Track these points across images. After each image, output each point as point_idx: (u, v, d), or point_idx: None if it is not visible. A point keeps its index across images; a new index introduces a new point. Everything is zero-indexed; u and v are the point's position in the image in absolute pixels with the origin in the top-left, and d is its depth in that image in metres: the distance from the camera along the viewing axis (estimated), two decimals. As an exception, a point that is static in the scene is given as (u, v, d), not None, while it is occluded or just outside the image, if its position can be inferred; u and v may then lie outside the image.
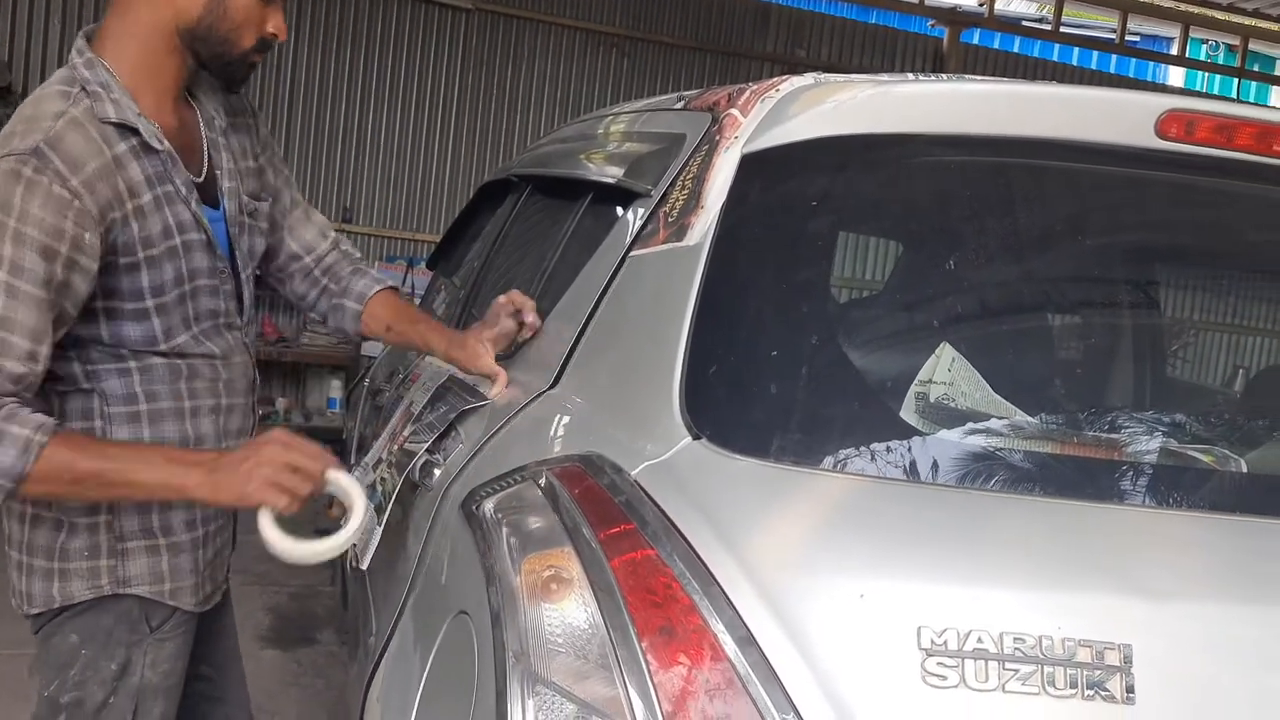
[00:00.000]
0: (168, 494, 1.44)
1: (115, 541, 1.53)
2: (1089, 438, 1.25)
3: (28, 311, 1.33)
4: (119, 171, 1.41)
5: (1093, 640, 1.01)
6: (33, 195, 1.32)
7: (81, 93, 1.41)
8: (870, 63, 7.41)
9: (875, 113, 1.32)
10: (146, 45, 1.46)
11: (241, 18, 1.49)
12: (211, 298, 1.58)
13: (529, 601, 1.10)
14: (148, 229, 1.45)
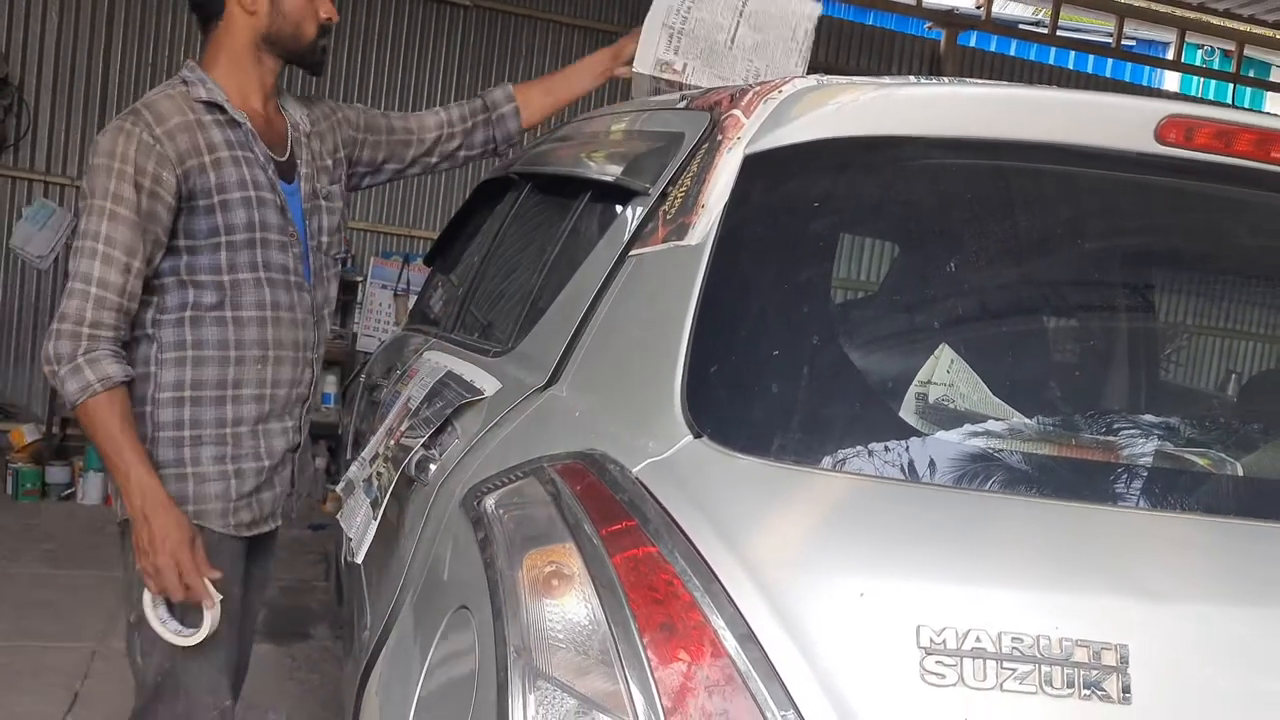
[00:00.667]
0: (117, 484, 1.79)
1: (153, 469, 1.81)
2: (1086, 440, 1.26)
3: (124, 230, 1.73)
4: (200, 131, 1.81)
5: (1090, 640, 1.02)
6: (130, 142, 1.75)
7: (180, 83, 1.85)
8: (867, 64, 7.42)
9: (877, 115, 1.33)
10: (235, 58, 1.88)
11: (299, 14, 1.89)
12: (280, 253, 1.91)
13: (530, 597, 1.11)
14: (223, 178, 1.82)
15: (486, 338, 2.09)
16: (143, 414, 1.84)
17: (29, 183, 5.88)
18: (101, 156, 1.75)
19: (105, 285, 1.72)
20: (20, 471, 5.09)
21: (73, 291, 1.72)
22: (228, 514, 1.90)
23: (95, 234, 1.73)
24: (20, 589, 3.97)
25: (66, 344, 1.70)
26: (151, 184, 1.75)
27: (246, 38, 1.87)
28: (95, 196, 1.74)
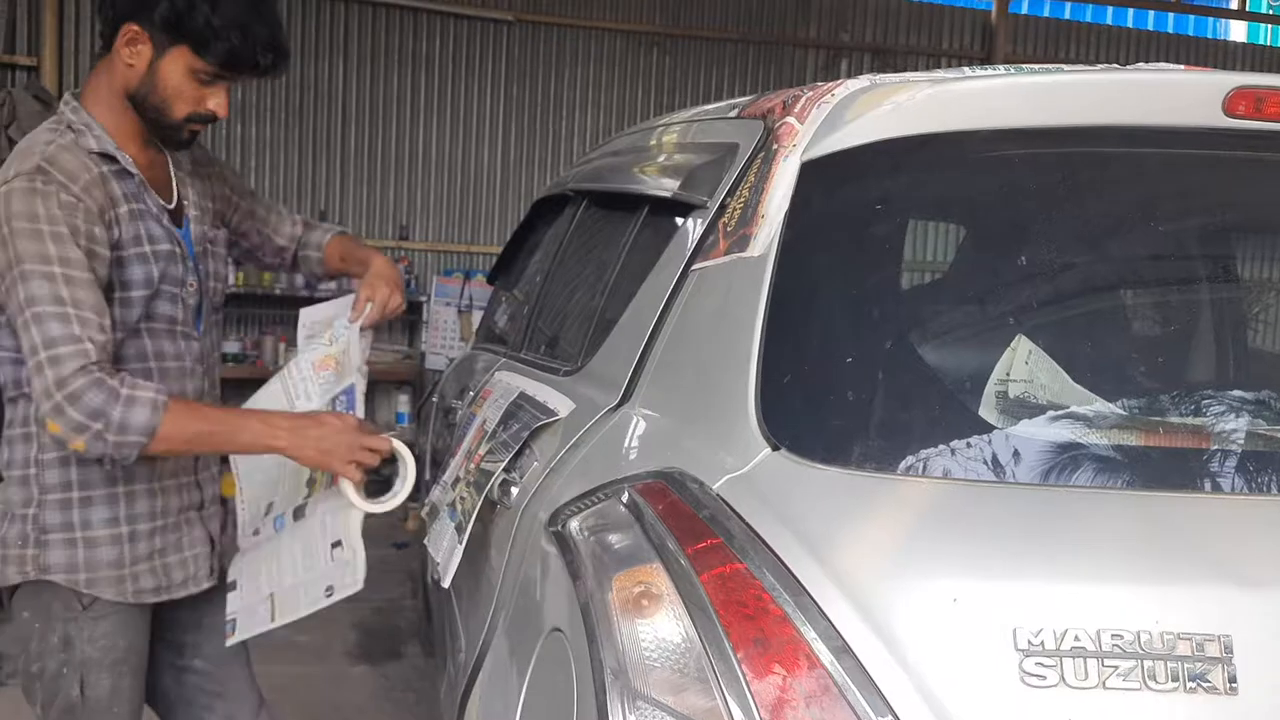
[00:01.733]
0: (266, 451, 1.75)
1: (39, 533, 1.73)
2: (1175, 425, 1.24)
3: (87, 292, 1.59)
4: (102, 185, 1.67)
5: (1192, 632, 1.01)
6: (49, 202, 1.58)
7: (67, 130, 1.69)
8: (917, 42, 7.32)
9: (935, 112, 1.32)
10: (110, 103, 1.73)
11: (174, 91, 1.69)
12: (169, 303, 1.79)
13: (622, 618, 1.12)
14: (124, 234, 1.70)
15: (555, 356, 2.12)
16: (25, 477, 1.73)
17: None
18: (24, 220, 1.56)
19: (93, 341, 1.56)
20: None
21: (60, 356, 1.53)
22: (124, 581, 1.77)
23: (55, 298, 1.55)
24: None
25: (97, 393, 1.54)
26: (88, 242, 1.61)
27: (118, 85, 1.70)
28: (34, 262, 1.55)
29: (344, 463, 1.72)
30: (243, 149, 6.21)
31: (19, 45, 5.85)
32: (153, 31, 1.65)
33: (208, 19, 1.62)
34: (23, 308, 1.56)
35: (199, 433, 1.65)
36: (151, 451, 1.61)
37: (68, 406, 1.54)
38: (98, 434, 1.55)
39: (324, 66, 6.32)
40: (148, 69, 1.67)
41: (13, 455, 1.75)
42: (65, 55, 5.90)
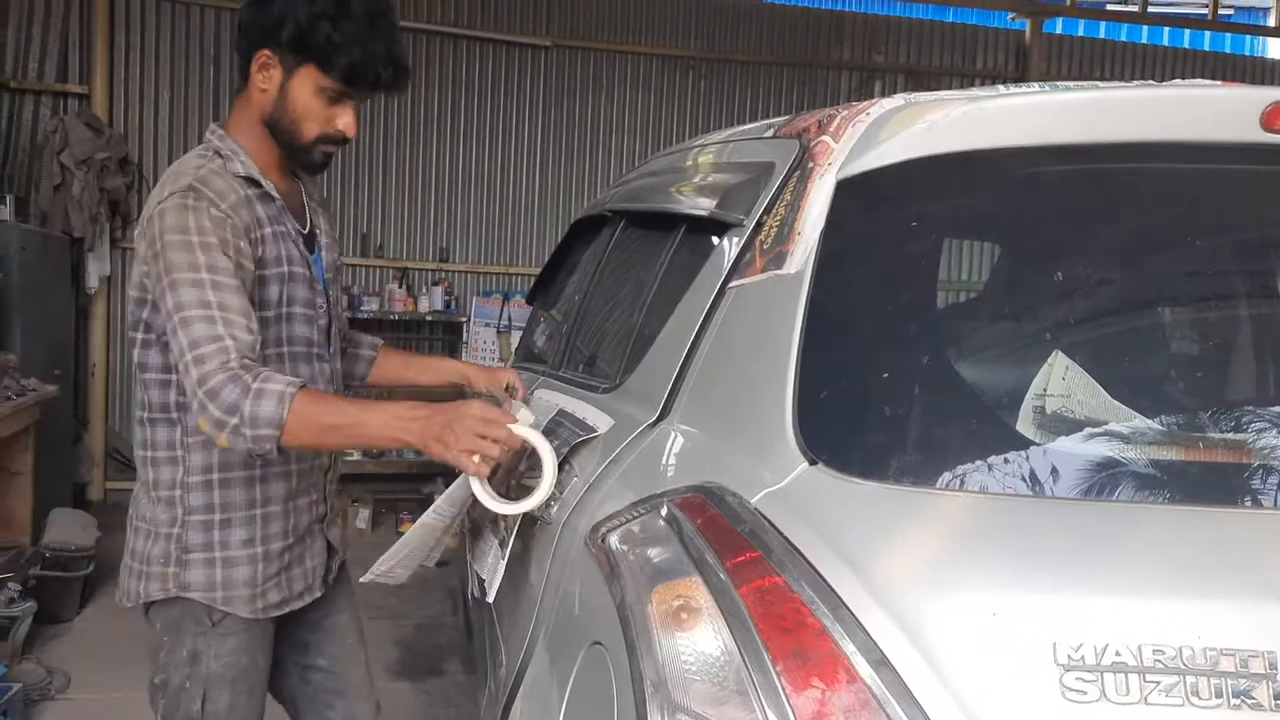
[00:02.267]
0: (391, 444, 1.69)
1: (181, 552, 1.79)
2: (1216, 440, 1.23)
3: (233, 297, 1.63)
4: (248, 206, 1.74)
5: (1236, 648, 1.00)
6: (200, 216, 1.65)
7: (215, 155, 1.77)
8: (951, 62, 7.32)
9: (969, 130, 1.33)
10: (250, 131, 1.81)
11: (303, 111, 1.76)
12: (305, 326, 1.86)
13: (662, 631, 1.14)
14: (267, 254, 1.77)
15: (594, 374, 2.14)
16: (171, 498, 1.79)
17: (152, 254, 6.22)
18: (175, 233, 1.63)
19: (236, 339, 1.59)
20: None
21: (200, 356, 1.57)
22: (255, 599, 1.84)
23: (201, 302, 1.60)
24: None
25: (233, 389, 1.57)
26: (236, 255, 1.67)
27: (255, 113, 1.78)
28: (183, 270, 1.61)
29: (459, 453, 1.59)
30: (286, 174, 6.33)
31: (71, 74, 6.02)
32: (281, 54, 1.73)
33: (329, 35, 1.69)
34: (171, 314, 1.61)
35: (330, 425, 1.62)
36: (286, 444, 1.60)
37: (208, 403, 1.57)
38: (235, 429, 1.57)
39: (365, 92, 6.42)
40: (279, 91, 1.75)
41: (159, 476, 1.80)
42: (115, 84, 6.06)
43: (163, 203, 1.67)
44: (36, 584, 4.10)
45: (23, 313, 4.80)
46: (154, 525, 1.80)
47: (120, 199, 5.97)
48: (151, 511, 1.81)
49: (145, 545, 1.81)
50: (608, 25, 6.83)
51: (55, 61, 5.98)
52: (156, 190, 1.72)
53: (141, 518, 1.83)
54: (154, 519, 1.80)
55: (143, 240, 1.69)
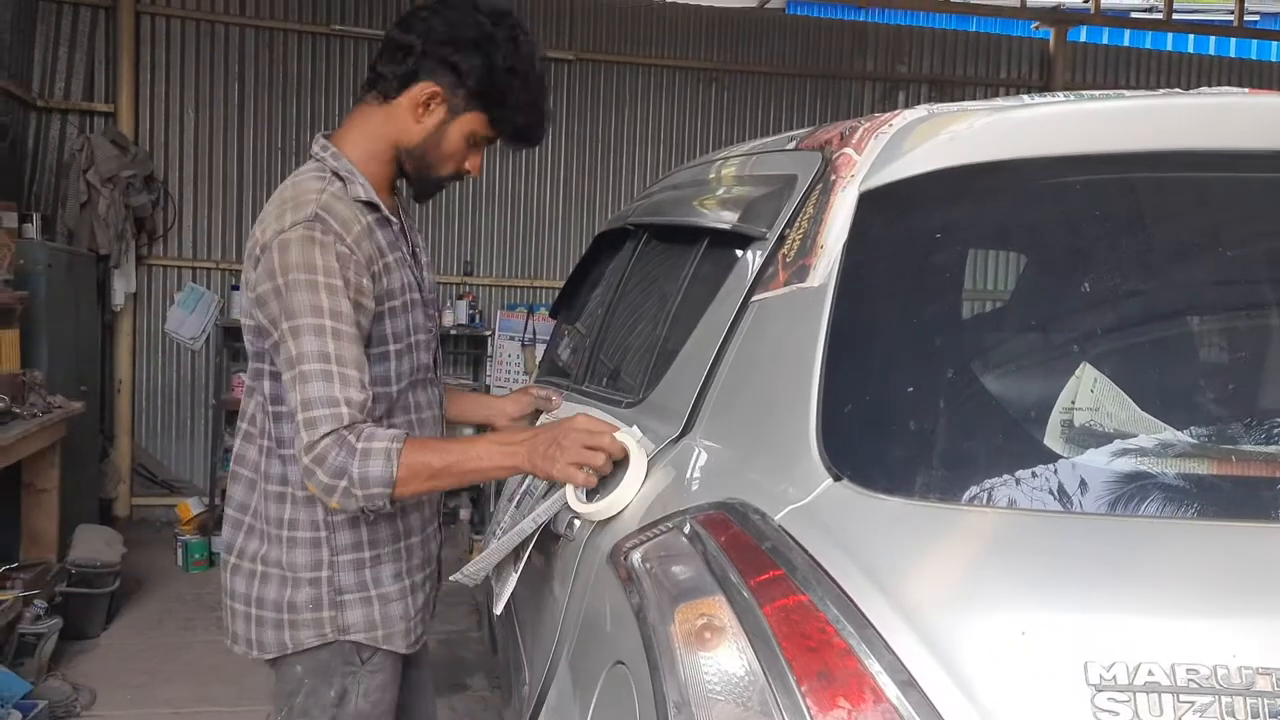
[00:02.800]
0: (503, 473, 1.69)
1: (335, 595, 1.74)
2: (1247, 452, 1.21)
3: (352, 347, 1.60)
4: (370, 236, 1.69)
5: (1272, 667, 0.98)
6: (328, 253, 1.60)
7: (334, 177, 1.70)
8: (975, 72, 7.28)
9: (992, 140, 1.32)
10: (375, 149, 1.75)
11: (450, 151, 1.77)
12: (425, 353, 1.84)
13: (685, 651, 1.12)
14: (393, 283, 1.73)
15: (617, 388, 2.13)
16: (315, 540, 1.72)
17: (178, 270, 6.28)
18: (300, 271, 1.58)
19: (349, 403, 1.56)
20: (188, 543, 5.38)
21: (315, 418, 1.54)
22: (410, 633, 1.82)
23: (322, 355, 1.56)
24: (198, 656, 4.19)
25: (339, 453, 1.54)
26: (356, 295, 1.62)
27: (393, 138, 1.74)
28: (305, 315, 1.57)
29: (566, 466, 1.59)
30: (310, 190, 6.38)
31: (97, 93, 6.10)
32: (454, 95, 1.71)
33: (517, 95, 1.72)
34: (292, 363, 1.58)
35: (440, 468, 1.60)
36: (399, 497, 1.59)
37: (316, 469, 1.55)
38: (345, 491, 1.56)
39: (388, 108, 6.47)
40: (436, 128, 1.73)
41: (295, 516, 1.72)
42: (141, 102, 6.14)
43: (285, 233, 1.60)
44: (63, 600, 4.14)
45: (49, 330, 4.86)
46: (290, 570, 1.72)
47: (146, 216, 6.04)
48: (284, 555, 1.72)
49: (282, 593, 1.73)
50: (630, 38, 6.85)
51: (81, 80, 6.06)
52: (273, 214, 1.65)
53: (266, 561, 1.74)
54: (291, 563, 1.72)
55: (259, 270, 1.63)
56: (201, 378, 6.33)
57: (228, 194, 6.31)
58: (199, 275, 6.32)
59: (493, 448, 1.64)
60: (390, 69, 1.72)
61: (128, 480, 6.23)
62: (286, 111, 6.35)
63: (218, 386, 6.02)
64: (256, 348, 1.72)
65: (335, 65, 6.39)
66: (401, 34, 1.71)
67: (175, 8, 6.15)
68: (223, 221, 6.31)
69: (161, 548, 5.59)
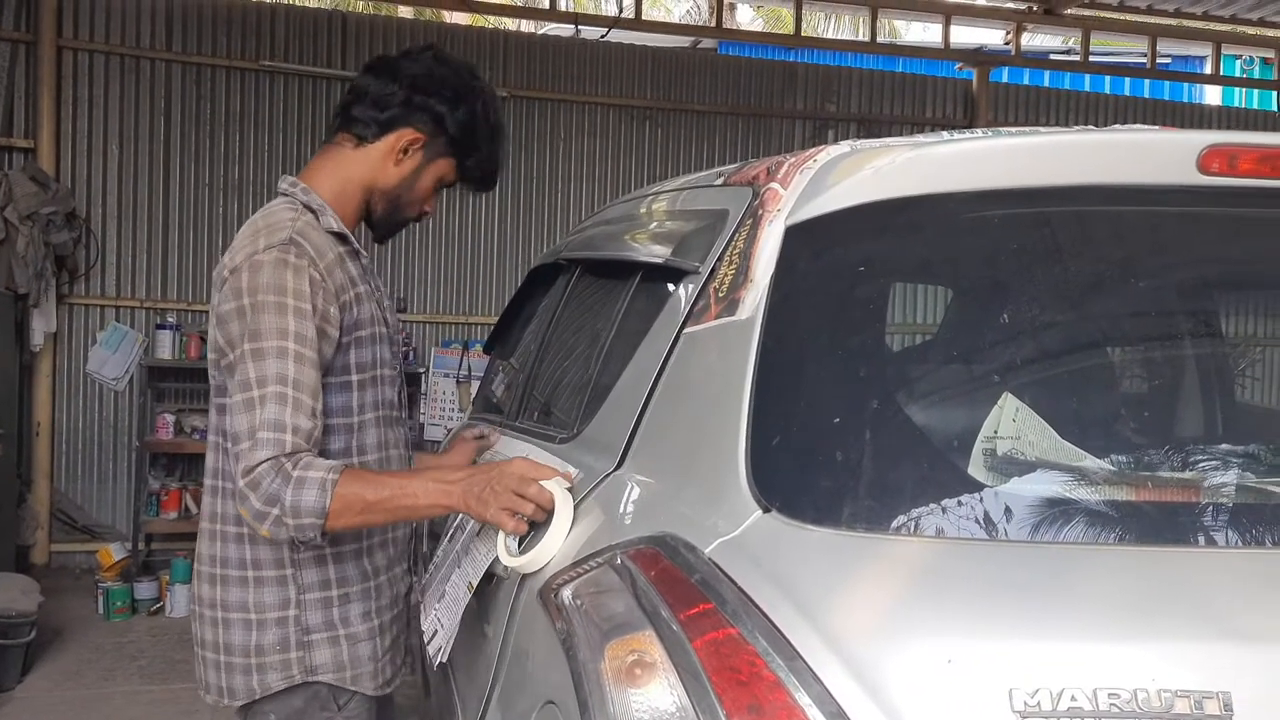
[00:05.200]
0: (437, 511, 1.67)
1: (302, 635, 1.71)
2: (1166, 480, 1.24)
3: (310, 372, 1.60)
4: (342, 265, 1.72)
5: (1190, 690, 0.99)
6: (300, 277, 1.61)
7: (306, 209, 1.73)
8: (901, 111, 7.46)
9: (914, 175, 1.34)
10: (346, 190, 1.80)
11: (420, 195, 1.85)
12: (390, 388, 1.83)
13: (615, 688, 1.11)
14: (362, 314, 1.74)
15: (551, 423, 2.12)
16: (281, 578, 1.70)
17: (100, 309, 6.12)
18: (270, 293, 1.59)
19: (297, 431, 1.55)
20: (110, 591, 5.20)
21: (259, 441, 1.53)
22: (378, 674, 1.80)
23: (280, 377, 1.56)
24: (118, 708, 4.04)
25: (274, 479, 1.53)
26: (321, 322, 1.63)
27: (367, 180, 1.79)
28: (270, 337, 1.57)
29: (499, 511, 1.59)
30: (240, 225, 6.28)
31: (16, 128, 5.95)
32: (432, 142, 1.80)
33: (488, 145, 1.84)
34: (249, 385, 1.56)
35: (373, 501, 1.58)
36: (331, 529, 1.56)
37: (250, 493, 1.53)
38: (277, 519, 1.54)
39: (322, 141, 6.41)
40: (411, 173, 1.81)
41: (258, 555, 1.70)
42: (62, 137, 5.99)
43: (259, 255, 1.62)
44: (-25, 651, 3.97)
45: (-35, 370, 4.69)
46: (257, 611, 1.70)
47: (67, 254, 5.87)
48: (249, 596, 1.70)
49: (248, 637, 1.70)
50: (565, 76, 6.89)
51: (0, 115, 5.91)
52: (246, 240, 1.66)
53: (228, 606, 1.71)
54: (258, 604, 1.70)
55: (224, 289, 1.63)
56: (125, 419, 6.15)
57: (153, 231, 6.18)
58: (122, 314, 6.16)
59: (429, 485, 1.62)
60: (369, 114, 1.78)
61: (46, 526, 6.00)
62: (215, 148, 6.25)
63: (141, 428, 5.85)
64: (218, 382, 1.71)
65: (265, 101, 6.31)
66: (382, 82, 1.78)
67: (99, 43, 6.04)
68: (147, 259, 6.17)
69: (81, 595, 5.40)
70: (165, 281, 6.18)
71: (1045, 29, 7.89)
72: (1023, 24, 7.28)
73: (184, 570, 5.29)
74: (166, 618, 5.22)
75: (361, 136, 1.78)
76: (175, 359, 5.82)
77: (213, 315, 1.69)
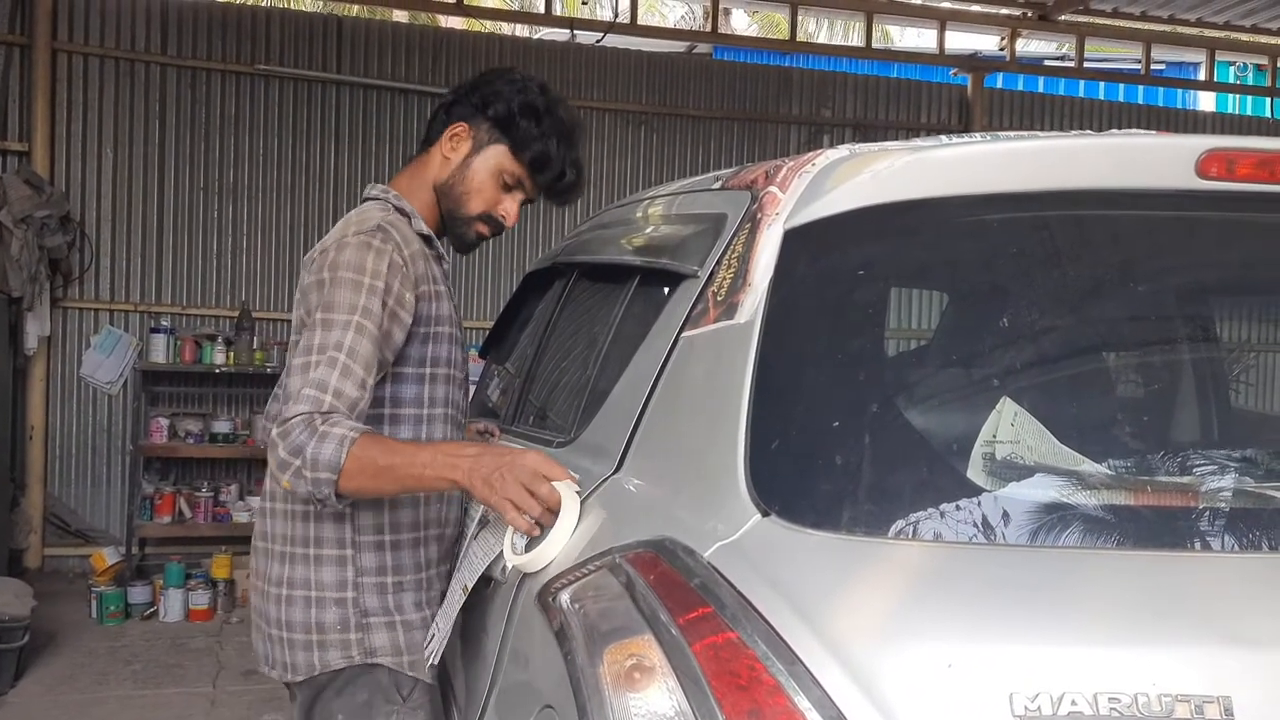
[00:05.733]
0: (443, 485, 1.64)
1: (361, 617, 1.74)
2: (1164, 483, 1.24)
3: (369, 345, 1.65)
4: (424, 260, 1.81)
5: (1190, 694, 0.99)
6: (382, 259, 1.69)
7: (397, 211, 1.83)
8: (897, 116, 7.47)
9: (913, 180, 1.34)
10: (420, 194, 1.89)
11: (476, 185, 1.87)
12: (459, 389, 1.90)
13: (614, 693, 1.10)
14: (440, 310, 1.82)
15: (549, 427, 2.11)
16: (341, 558, 1.74)
17: (95, 312, 6.10)
18: (349, 270, 1.67)
19: (339, 395, 1.59)
20: (103, 595, 5.18)
21: (301, 396, 1.58)
22: (428, 663, 1.79)
23: (337, 344, 1.62)
24: (112, 712, 4.02)
25: (302, 431, 1.56)
26: (395, 304, 1.70)
27: (430, 177, 1.88)
28: (339, 310, 1.64)
29: (503, 500, 1.54)
30: (235, 229, 6.26)
31: (10, 131, 5.93)
32: (478, 129, 1.86)
33: (532, 124, 1.85)
34: (310, 350, 1.63)
35: (384, 466, 1.57)
36: (343, 490, 1.57)
37: (280, 442, 1.58)
38: (297, 470, 1.56)
39: (318, 144, 6.41)
40: (462, 161, 1.87)
41: (322, 534, 1.74)
42: (56, 141, 5.98)
43: (347, 238, 1.71)
44: (-32, 656, 3.95)
45: (-42, 374, 4.67)
46: (318, 589, 1.73)
47: (61, 258, 5.86)
48: (311, 574, 1.74)
49: (308, 614, 1.73)
50: (561, 81, 6.88)
51: (-6, 118, 5.89)
52: (337, 231, 1.76)
53: (292, 584, 1.74)
54: (319, 582, 1.73)
55: (310, 269, 1.72)
56: (119, 423, 6.12)
57: (147, 235, 6.17)
58: (117, 318, 6.14)
59: (438, 457, 1.60)
60: (433, 122, 1.91)
61: (39, 530, 5.98)
62: (210, 151, 6.24)
63: (135, 432, 5.82)
64: None
65: (260, 104, 6.30)
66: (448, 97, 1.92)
67: (94, 46, 6.03)
68: (142, 263, 6.15)
69: (75, 600, 5.37)
70: (160, 285, 6.16)
71: (1040, 35, 7.91)
72: (1017, 30, 7.30)
73: (178, 574, 5.27)
74: (160, 622, 5.20)
75: (429, 140, 1.90)
76: (169, 363, 5.80)
77: (298, 295, 1.77)
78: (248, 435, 5.95)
